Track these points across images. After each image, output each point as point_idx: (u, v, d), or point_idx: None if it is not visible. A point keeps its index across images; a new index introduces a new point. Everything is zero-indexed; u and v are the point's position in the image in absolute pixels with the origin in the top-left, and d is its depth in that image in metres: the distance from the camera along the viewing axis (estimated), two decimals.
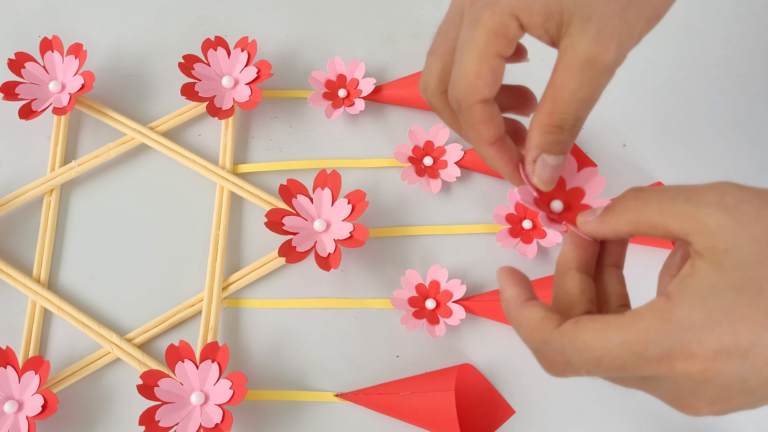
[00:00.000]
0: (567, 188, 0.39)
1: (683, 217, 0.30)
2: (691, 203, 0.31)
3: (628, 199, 0.33)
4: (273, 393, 0.52)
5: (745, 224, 0.29)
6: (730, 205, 0.30)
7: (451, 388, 0.48)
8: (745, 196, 0.30)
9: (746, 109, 0.61)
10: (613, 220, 0.33)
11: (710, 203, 0.30)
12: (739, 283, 0.29)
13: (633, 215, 0.32)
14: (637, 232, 0.32)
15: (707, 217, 0.30)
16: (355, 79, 0.60)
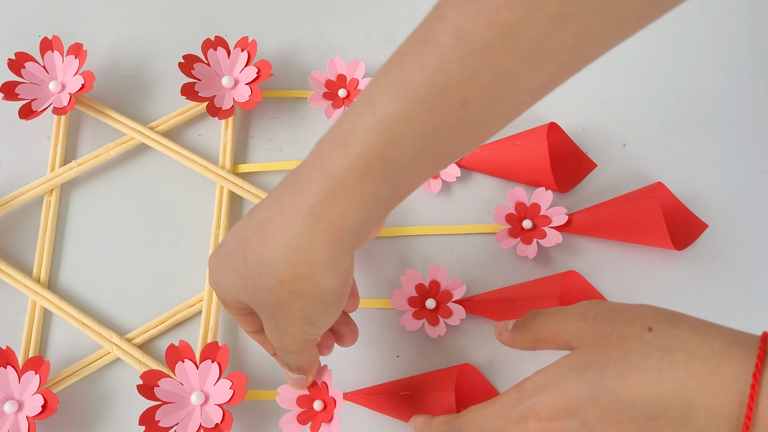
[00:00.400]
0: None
1: (563, 331, 0.40)
2: (566, 320, 0.41)
3: (528, 321, 0.43)
4: (273, 393, 0.52)
5: (595, 328, 0.39)
6: (589, 316, 0.40)
7: (451, 388, 0.48)
8: (600, 309, 0.40)
9: (746, 109, 0.61)
10: (518, 339, 0.43)
11: (578, 317, 0.40)
12: (574, 363, 0.39)
13: (531, 334, 0.43)
14: (537, 347, 0.43)
15: (574, 328, 0.40)
16: (355, 79, 0.60)
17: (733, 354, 0.35)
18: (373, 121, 0.33)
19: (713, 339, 0.36)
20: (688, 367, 0.35)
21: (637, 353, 0.37)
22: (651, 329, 0.37)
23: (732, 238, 0.57)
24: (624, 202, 0.54)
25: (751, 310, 0.55)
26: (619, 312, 0.39)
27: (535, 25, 0.31)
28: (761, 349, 0.35)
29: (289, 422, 0.48)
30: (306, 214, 0.35)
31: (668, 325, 0.38)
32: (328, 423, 0.48)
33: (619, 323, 0.39)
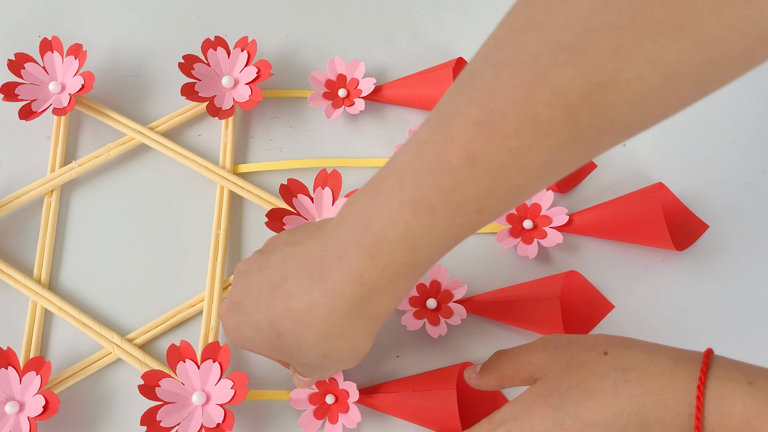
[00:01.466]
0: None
1: (526, 365, 0.44)
2: (528, 354, 0.44)
3: (493, 361, 0.46)
4: (275, 393, 0.52)
5: (555, 357, 0.42)
6: (549, 347, 0.43)
7: (453, 386, 0.48)
8: (559, 340, 0.43)
9: (746, 109, 0.61)
10: (486, 380, 0.46)
11: (538, 349, 0.43)
12: (538, 392, 0.42)
13: (497, 373, 0.45)
14: (504, 385, 0.45)
15: (536, 360, 0.43)
16: (355, 79, 0.60)
17: (681, 369, 0.38)
18: (397, 236, 0.35)
19: (662, 357, 0.40)
20: (641, 383, 0.39)
21: (596, 375, 0.40)
22: (606, 353, 0.41)
23: (732, 238, 0.57)
24: (624, 203, 0.54)
25: (751, 310, 0.55)
26: (577, 341, 0.43)
27: (544, 150, 0.33)
28: (704, 363, 0.38)
29: (307, 421, 0.50)
30: (344, 312, 0.38)
31: (621, 348, 0.41)
32: (345, 413, 0.50)
33: (577, 350, 0.42)
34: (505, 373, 0.45)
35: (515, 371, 0.44)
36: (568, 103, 0.31)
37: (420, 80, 0.59)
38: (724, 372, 0.38)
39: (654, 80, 0.31)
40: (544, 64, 0.32)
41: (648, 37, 0.30)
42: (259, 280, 0.41)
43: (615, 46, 0.31)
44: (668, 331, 0.54)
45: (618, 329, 0.54)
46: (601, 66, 0.31)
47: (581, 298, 0.54)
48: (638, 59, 0.31)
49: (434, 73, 0.59)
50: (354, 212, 0.37)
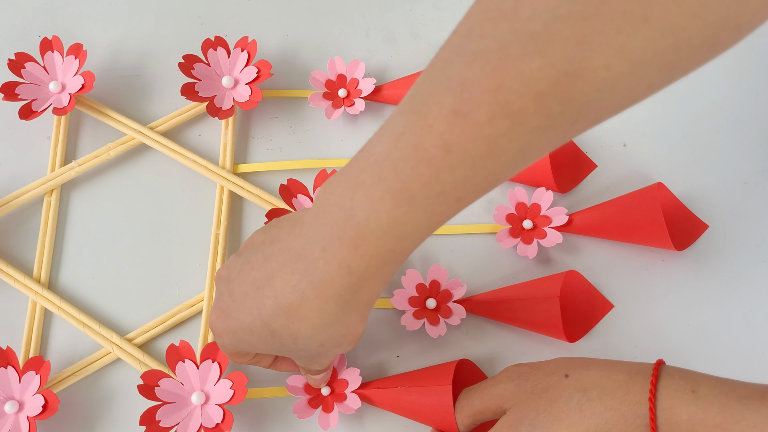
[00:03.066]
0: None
1: (494, 397, 0.45)
2: (494, 386, 0.46)
3: (461, 400, 0.47)
4: (274, 392, 0.52)
5: (521, 386, 0.44)
6: (514, 377, 0.45)
7: (449, 382, 0.48)
8: (522, 369, 0.46)
9: (746, 109, 0.61)
10: (460, 419, 0.47)
11: (503, 381, 0.45)
12: (509, 423, 0.44)
13: (468, 411, 0.47)
14: (478, 421, 0.47)
15: (503, 391, 0.45)
16: (355, 79, 0.60)
17: (635, 382, 0.41)
18: (380, 225, 0.36)
19: (618, 373, 0.42)
20: (602, 400, 0.41)
21: (560, 398, 0.42)
22: (567, 375, 0.43)
23: (732, 238, 0.57)
24: (624, 203, 0.54)
25: (751, 310, 0.55)
26: (539, 368, 0.45)
27: (518, 138, 0.33)
28: (653, 376, 0.40)
29: (301, 407, 0.50)
30: (335, 301, 0.38)
31: (581, 369, 0.43)
32: (341, 403, 0.50)
33: (540, 377, 0.44)
34: (475, 409, 0.47)
35: (485, 405, 0.46)
36: (538, 91, 0.32)
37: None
38: (671, 382, 0.40)
39: (620, 68, 0.32)
40: (513, 54, 0.32)
41: (613, 26, 0.31)
42: (243, 283, 0.42)
43: (581, 35, 0.31)
44: (668, 331, 0.54)
45: (618, 329, 0.54)
46: (568, 55, 0.31)
47: (581, 298, 0.54)
48: (604, 48, 0.31)
49: None
50: (333, 204, 0.37)
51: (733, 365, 0.53)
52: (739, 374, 0.52)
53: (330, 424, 0.50)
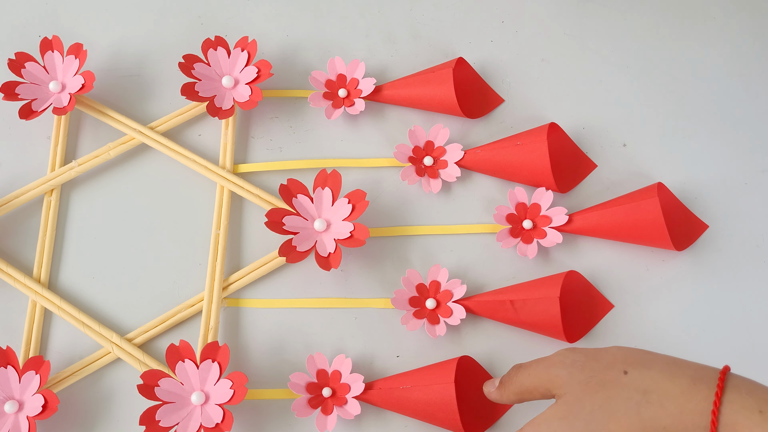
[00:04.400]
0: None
1: (544, 381, 0.44)
2: (546, 369, 0.44)
3: (512, 375, 0.46)
4: (273, 392, 0.52)
5: (574, 375, 0.43)
6: (567, 364, 0.43)
7: (451, 380, 0.48)
8: (576, 356, 0.44)
9: (746, 109, 0.61)
10: (505, 394, 0.46)
11: (557, 365, 0.44)
12: (562, 413, 0.42)
13: (515, 387, 0.46)
14: (523, 399, 0.46)
15: (555, 377, 0.43)
16: (355, 79, 0.60)
17: (698, 390, 0.39)
18: None
19: (681, 377, 0.40)
20: (662, 405, 0.40)
21: (618, 397, 0.41)
22: (626, 372, 0.41)
23: (732, 238, 0.57)
24: (624, 202, 0.54)
25: (751, 310, 0.55)
26: (595, 358, 0.43)
27: None
28: (719, 387, 0.39)
29: (300, 406, 0.50)
30: None
31: (642, 368, 0.42)
32: (340, 407, 0.50)
33: (596, 369, 0.42)
34: (523, 387, 0.45)
35: (534, 386, 0.45)
36: None
37: (420, 80, 0.59)
38: (737, 397, 0.39)
39: None
40: None
41: None
42: None
43: None
44: (668, 331, 0.54)
45: (618, 329, 0.54)
46: None
47: (581, 298, 0.54)
48: None
49: (434, 74, 0.59)
50: None
51: (732, 365, 0.53)
52: (739, 374, 0.52)
53: (327, 426, 0.50)
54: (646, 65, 0.63)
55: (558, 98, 0.62)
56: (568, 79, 0.62)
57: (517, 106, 0.61)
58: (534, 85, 0.62)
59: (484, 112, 0.61)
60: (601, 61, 0.63)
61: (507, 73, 0.63)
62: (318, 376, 0.51)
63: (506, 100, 0.61)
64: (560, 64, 0.63)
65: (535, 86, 0.62)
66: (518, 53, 0.63)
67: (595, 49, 0.63)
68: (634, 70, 0.63)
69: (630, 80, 0.62)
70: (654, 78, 0.62)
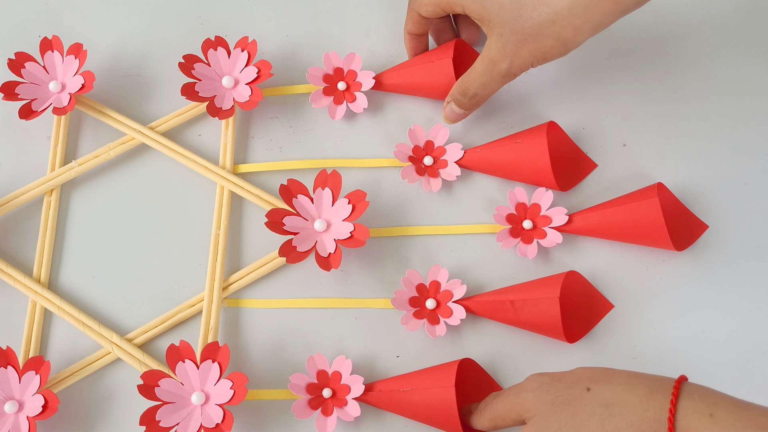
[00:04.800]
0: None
1: (515, 405, 0.46)
2: (516, 395, 0.46)
3: (487, 402, 0.48)
4: (274, 393, 0.52)
5: (541, 397, 0.45)
6: (535, 388, 0.46)
7: (452, 384, 0.48)
8: (543, 380, 0.46)
9: (746, 109, 0.61)
10: (480, 420, 0.48)
11: (525, 390, 0.46)
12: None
13: (489, 414, 0.48)
14: (497, 425, 0.48)
15: (523, 400, 0.46)
16: (352, 71, 0.60)
17: (655, 399, 0.41)
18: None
19: (639, 387, 0.42)
20: (623, 416, 0.42)
21: (582, 412, 0.43)
22: (589, 389, 0.44)
23: (732, 238, 0.57)
24: (624, 202, 0.54)
25: (751, 310, 0.55)
26: (560, 379, 0.45)
27: None
28: (674, 395, 0.41)
29: (300, 407, 0.50)
30: None
31: (603, 383, 0.44)
32: (340, 408, 0.50)
33: (561, 389, 0.44)
34: (496, 414, 0.47)
35: (506, 412, 0.47)
36: None
37: (421, 70, 0.59)
38: (690, 403, 0.41)
39: None
40: None
41: None
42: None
43: None
44: (668, 331, 0.54)
45: (618, 329, 0.54)
46: None
47: (581, 298, 0.54)
48: None
49: (434, 63, 0.58)
50: None
51: (732, 365, 0.53)
52: (738, 374, 0.53)
53: (327, 427, 0.50)
54: (646, 65, 0.63)
55: (558, 98, 0.62)
56: (568, 79, 0.62)
57: (517, 106, 0.61)
58: (534, 85, 0.62)
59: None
60: (601, 61, 0.63)
61: None
62: (318, 377, 0.51)
63: (506, 99, 0.61)
64: (560, 64, 0.63)
65: (535, 86, 0.62)
66: None
67: (595, 49, 0.63)
68: (635, 70, 0.63)
69: (630, 80, 0.62)
70: (654, 78, 0.62)
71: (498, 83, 0.54)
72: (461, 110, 0.57)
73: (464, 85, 0.55)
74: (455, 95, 0.56)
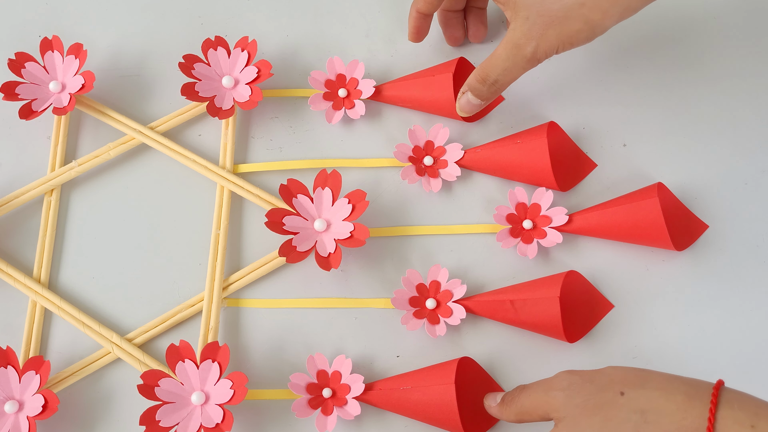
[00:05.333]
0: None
1: (542, 403, 0.44)
2: (545, 392, 0.44)
3: (515, 395, 0.47)
4: (274, 393, 0.52)
5: (572, 398, 0.43)
6: (565, 387, 0.44)
7: (452, 381, 0.48)
8: (574, 379, 0.44)
9: (746, 109, 0.61)
10: (506, 412, 0.47)
11: (555, 388, 0.44)
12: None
13: (516, 408, 0.46)
14: (523, 420, 0.46)
15: (552, 399, 0.44)
16: (354, 79, 0.60)
17: (693, 407, 0.40)
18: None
19: (676, 394, 0.41)
20: (659, 424, 0.40)
21: (615, 419, 0.41)
22: (623, 393, 0.42)
23: (732, 238, 0.57)
24: (624, 202, 0.54)
25: (751, 310, 0.55)
26: (591, 380, 0.43)
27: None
28: (712, 403, 0.39)
29: (300, 407, 0.50)
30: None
31: (638, 388, 0.42)
32: (341, 408, 0.50)
33: (592, 391, 0.42)
34: (523, 408, 0.46)
35: (533, 408, 0.45)
36: None
37: (421, 83, 0.59)
38: (730, 413, 0.39)
39: None
40: None
41: None
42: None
43: None
44: (668, 331, 0.54)
45: (618, 329, 0.54)
46: None
47: (581, 298, 0.54)
48: None
49: (435, 78, 0.58)
50: None
51: (732, 365, 0.53)
52: (738, 375, 0.52)
53: (327, 427, 0.50)
54: (646, 65, 0.63)
55: (558, 98, 0.62)
56: (568, 79, 0.62)
57: (516, 106, 0.61)
58: (534, 85, 0.62)
59: (484, 113, 0.61)
60: (601, 61, 0.63)
61: None
62: (318, 377, 0.51)
63: (506, 99, 0.61)
64: (560, 64, 0.63)
65: (535, 86, 0.62)
66: None
67: (595, 49, 0.63)
68: (635, 70, 0.63)
69: (630, 80, 0.62)
70: (654, 78, 0.62)
71: (521, 69, 0.52)
72: (478, 100, 0.55)
73: (484, 71, 0.53)
74: (472, 83, 0.54)
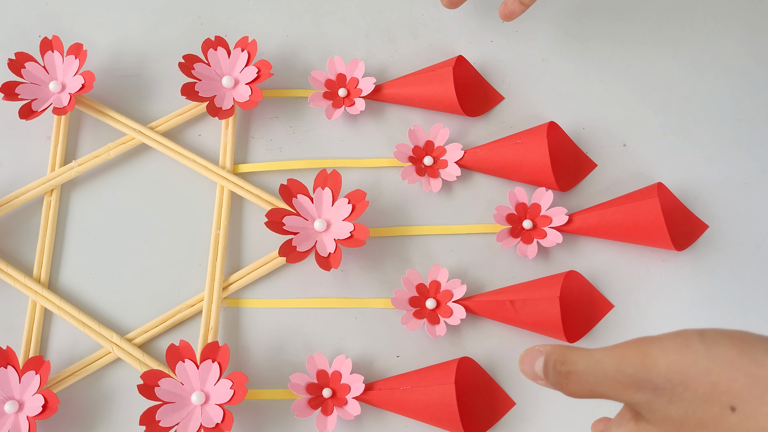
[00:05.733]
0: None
1: (624, 399, 0.34)
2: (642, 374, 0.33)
3: (589, 373, 0.35)
4: (274, 393, 0.52)
5: (665, 408, 0.33)
6: (647, 388, 0.33)
7: (452, 381, 0.48)
8: (659, 380, 0.33)
9: (746, 109, 0.61)
10: (573, 388, 0.35)
11: (634, 388, 0.33)
12: None
13: (587, 389, 0.35)
14: (596, 397, 0.35)
15: (640, 399, 0.33)
16: (354, 78, 0.60)
17: None
18: None
19: None
20: None
21: None
22: (734, 409, 0.31)
23: (732, 238, 0.57)
24: (624, 202, 0.54)
25: (751, 310, 0.55)
26: (683, 382, 0.32)
27: None
28: None
29: (300, 407, 0.50)
30: None
31: (754, 402, 0.31)
32: (341, 408, 0.50)
33: (692, 401, 0.32)
34: (596, 393, 0.35)
35: (609, 395, 0.35)
36: None
37: (420, 79, 0.59)
38: None
39: None
40: None
41: None
42: None
43: None
44: (668, 331, 0.54)
45: (618, 329, 0.54)
46: None
47: (581, 298, 0.54)
48: None
49: (434, 72, 0.59)
50: None
51: None
52: None
53: (327, 427, 0.50)
54: (646, 65, 0.63)
55: (558, 98, 0.62)
56: (568, 79, 0.62)
57: (517, 106, 0.61)
58: (534, 85, 0.62)
59: (485, 110, 0.61)
60: (601, 61, 0.63)
61: (507, 73, 0.63)
62: (318, 377, 0.51)
63: (506, 99, 0.61)
64: (560, 64, 0.63)
65: (535, 86, 0.62)
66: (518, 53, 0.63)
67: (595, 49, 0.63)
68: (635, 70, 0.63)
69: (630, 80, 0.62)
70: (654, 78, 0.62)
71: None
72: None
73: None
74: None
